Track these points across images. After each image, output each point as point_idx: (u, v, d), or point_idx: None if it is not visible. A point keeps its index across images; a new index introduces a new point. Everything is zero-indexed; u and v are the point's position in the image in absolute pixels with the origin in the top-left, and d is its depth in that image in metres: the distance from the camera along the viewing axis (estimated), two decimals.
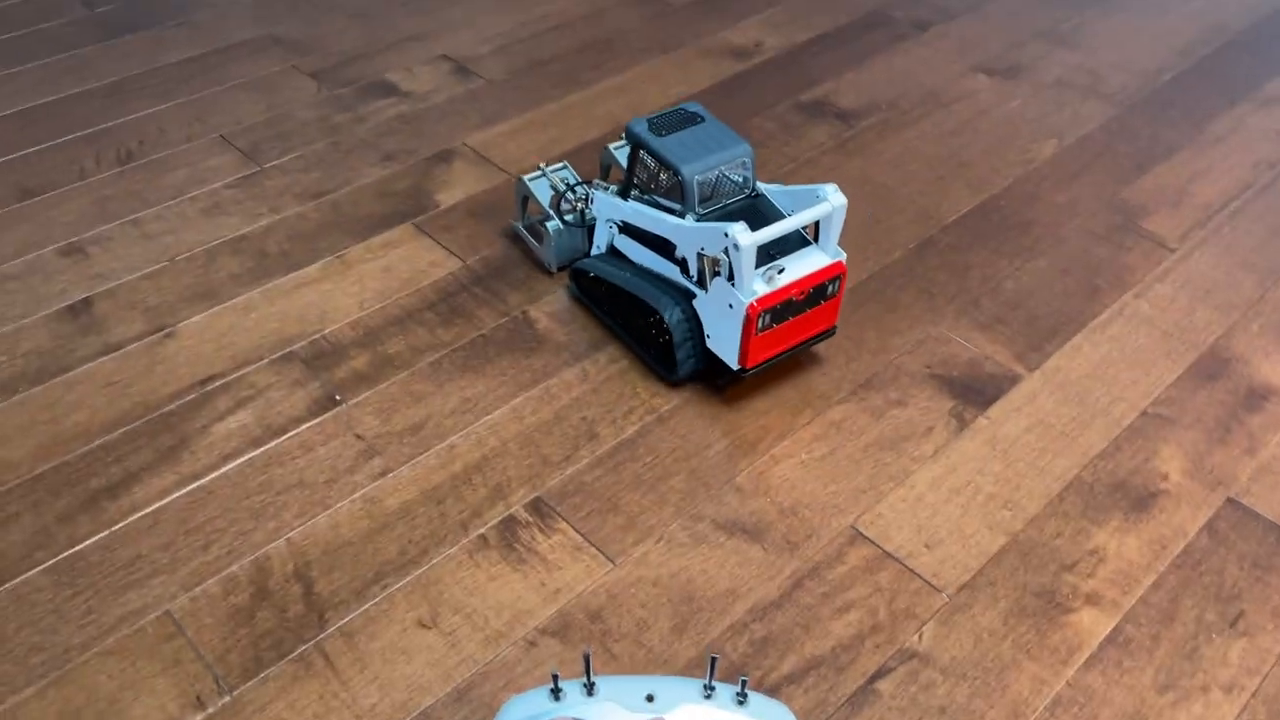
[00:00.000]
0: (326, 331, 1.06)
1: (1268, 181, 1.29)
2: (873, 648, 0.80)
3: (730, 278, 0.91)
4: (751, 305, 0.90)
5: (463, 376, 1.01)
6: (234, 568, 0.84)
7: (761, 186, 0.98)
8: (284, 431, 0.95)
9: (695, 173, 0.93)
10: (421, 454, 0.94)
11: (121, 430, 0.95)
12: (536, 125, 1.37)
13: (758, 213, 0.95)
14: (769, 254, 0.93)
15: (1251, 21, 1.64)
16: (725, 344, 0.95)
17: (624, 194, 1.02)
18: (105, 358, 1.03)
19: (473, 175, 1.27)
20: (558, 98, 1.42)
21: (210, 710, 0.75)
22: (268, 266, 1.14)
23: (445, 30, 1.58)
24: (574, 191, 1.10)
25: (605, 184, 1.07)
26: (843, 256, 0.94)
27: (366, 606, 0.82)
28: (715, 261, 0.91)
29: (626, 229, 1.03)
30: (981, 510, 0.90)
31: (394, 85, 1.44)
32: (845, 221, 1.22)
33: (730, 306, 0.92)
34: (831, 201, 0.91)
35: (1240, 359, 1.04)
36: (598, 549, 0.86)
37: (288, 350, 1.04)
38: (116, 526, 0.87)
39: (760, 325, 0.92)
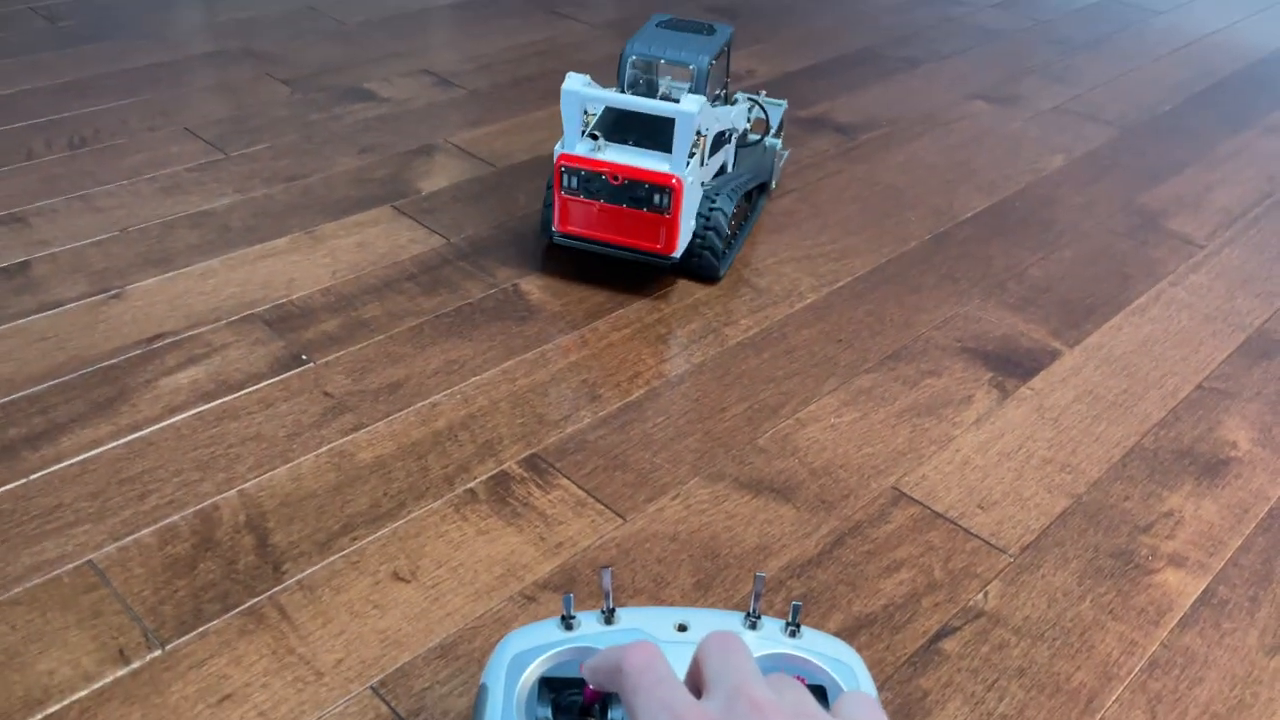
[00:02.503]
0: (294, 297, 0.95)
1: None
2: (931, 606, 0.68)
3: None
4: (561, 155, 0.91)
5: (446, 340, 0.90)
6: (174, 518, 0.71)
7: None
8: (241, 387, 0.83)
9: (633, 53, 0.95)
10: (399, 411, 0.82)
11: (51, 383, 0.83)
12: (525, 127, 1.29)
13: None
14: (631, 141, 0.93)
15: (1244, 65, 1.64)
16: None
17: None
18: (39, 315, 0.91)
19: (457, 167, 1.19)
20: (545, 107, 1.36)
21: (135, 665, 0.61)
22: (230, 239, 1.03)
23: (427, 50, 1.52)
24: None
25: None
26: (680, 174, 0.90)
27: (332, 559, 0.68)
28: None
29: None
30: (1038, 473, 0.79)
31: (371, 92, 1.37)
32: (858, 213, 1.14)
33: None
34: (682, 105, 0.88)
35: None
36: (605, 505, 0.74)
37: (249, 313, 0.92)
38: (35, 475, 0.74)
39: (566, 185, 0.92)
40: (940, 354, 0.92)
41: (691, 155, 0.92)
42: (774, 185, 1.14)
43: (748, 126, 1.11)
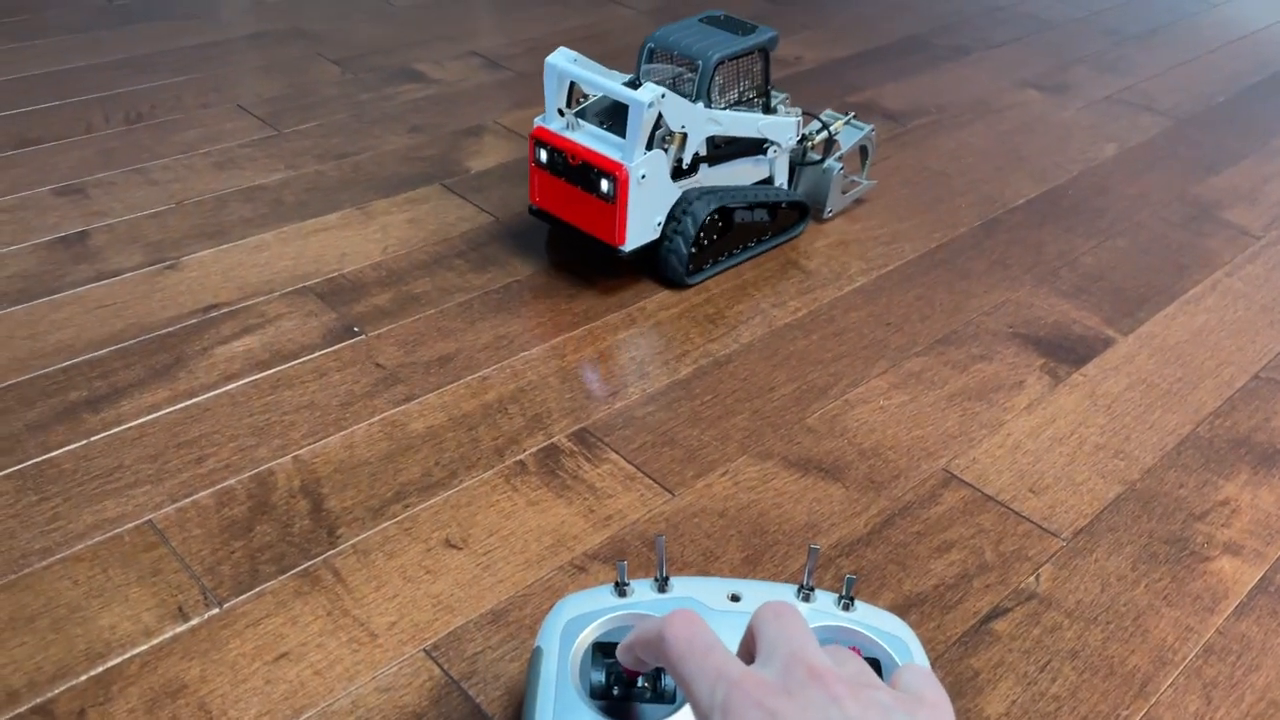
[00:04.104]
0: (346, 271, 0.96)
1: None
2: (982, 587, 0.68)
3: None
4: (537, 128, 0.92)
5: (496, 316, 0.91)
6: (231, 481, 0.72)
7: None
8: (295, 357, 0.84)
9: (650, 42, 0.93)
10: (450, 383, 0.82)
11: (110, 349, 0.84)
12: None
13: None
14: (607, 125, 0.91)
15: None
16: None
17: None
18: (98, 283, 0.92)
19: (505, 147, 1.20)
20: None
21: (194, 621, 0.62)
22: (282, 213, 1.04)
23: (475, 33, 1.53)
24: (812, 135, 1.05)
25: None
26: (628, 165, 0.87)
27: (385, 525, 0.69)
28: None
29: None
30: (1090, 459, 0.79)
31: (421, 73, 1.38)
32: (907, 198, 1.14)
33: None
34: (635, 94, 0.85)
35: None
36: (653, 479, 0.75)
37: (302, 285, 0.93)
38: (96, 437, 0.75)
39: (536, 158, 0.93)
40: (991, 339, 0.92)
41: (664, 149, 0.89)
42: (829, 213, 1.07)
43: (807, 145, 1.04)
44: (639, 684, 0.52)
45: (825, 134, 1.05)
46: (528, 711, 0.51)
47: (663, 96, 0.86)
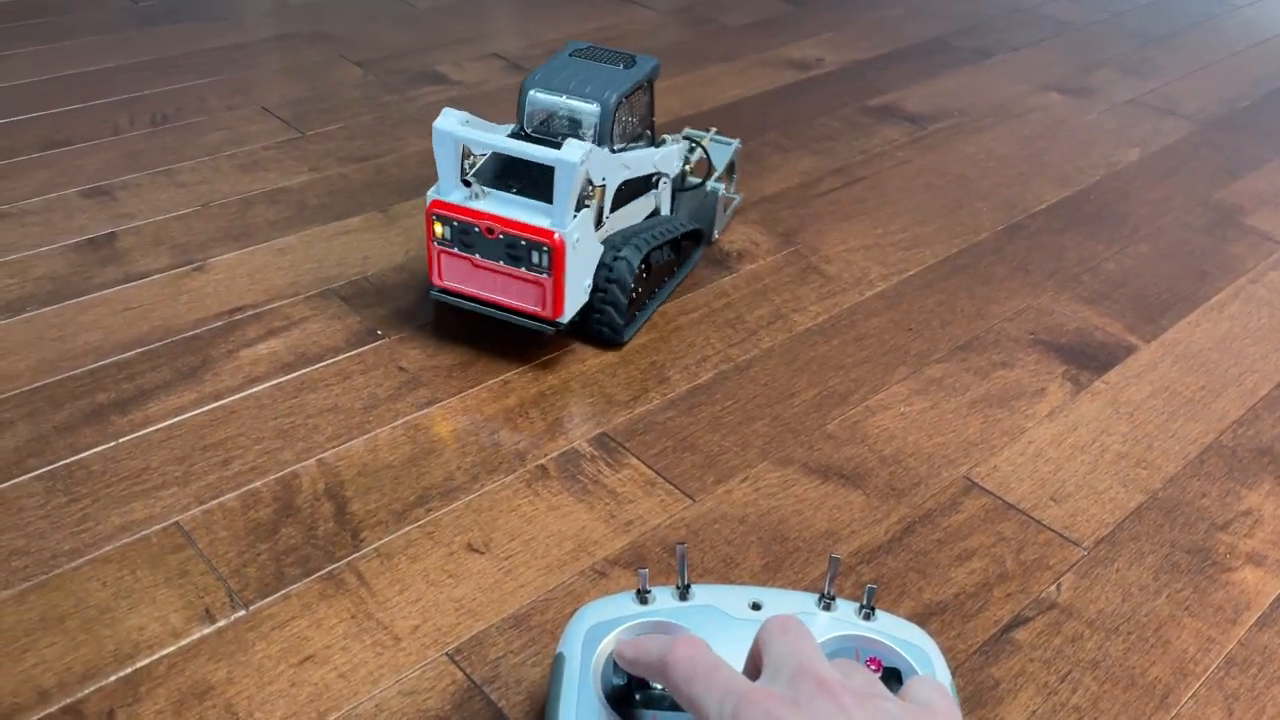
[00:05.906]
0: (369, 273, 0.96)
1: None
2: (1003, 596, 0.68)
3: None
4: (434, 202, 0.81)
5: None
6: (256, 484, 0.73)
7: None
8: (319, 360, 0.85)
9: (531, 86, 0.83)
10: (472, 387, 0.83)
11: (138, 350, 0.85)
12: None
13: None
14: (515, 189, 0.82)
15: None
16: None
17: None
18: (126, 285, 0.93)
19: None
20: None
21: (221, 623, 0.62)
22: (306, 216, 1.05)
23: (496, 34, 1.53)
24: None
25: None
26: (562, 230, 0.78)
27: (408, 529, 0.70)
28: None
29: None
30: (1112, 468, 0.79)
31: (443, 75, 1.39)
32: (928, 202, 1.14)
33: None
34: (562, 154, 0.76)
35: None
36: (674, 485, 0.75)
37: (326, 288, 0.94)
38: (124, 439, 0.76)
39: (439, 235, 0.82)
40: (1013, 345, 0.91)
41: (584, 207, 0.81)
42: (716, 235, 1.02)
43: (686, 169, 0.99)
44: (659, 690, 0.52)
45: (701, 155, 1.00)
46: (550, 717, 0.52)
47: (590, 151, 0.78)
